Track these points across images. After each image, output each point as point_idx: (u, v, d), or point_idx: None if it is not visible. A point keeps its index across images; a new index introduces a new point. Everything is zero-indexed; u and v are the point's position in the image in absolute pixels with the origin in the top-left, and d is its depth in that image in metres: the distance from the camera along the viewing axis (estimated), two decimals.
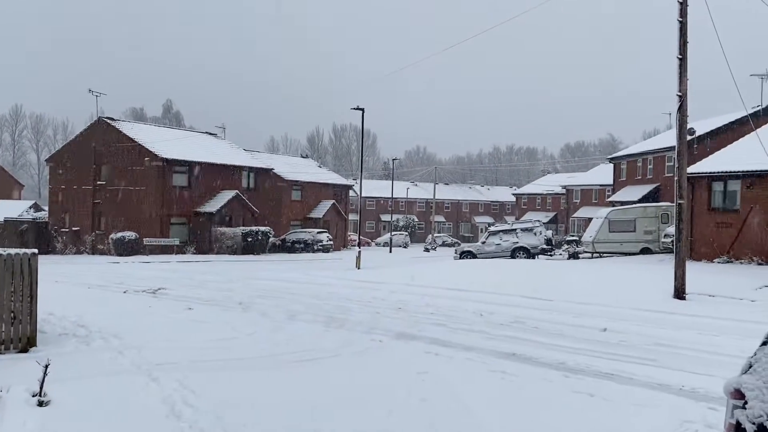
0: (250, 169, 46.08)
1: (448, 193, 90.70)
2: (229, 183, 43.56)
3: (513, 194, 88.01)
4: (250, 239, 40.21)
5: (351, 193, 59.61)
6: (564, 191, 66.84)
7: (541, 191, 76.24)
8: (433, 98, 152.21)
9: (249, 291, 17.59)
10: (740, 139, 25.94)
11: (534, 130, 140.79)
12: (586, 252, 32.78)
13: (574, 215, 59.21)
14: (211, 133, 50.38)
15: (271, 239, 42.89)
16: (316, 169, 57.98)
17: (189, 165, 41.16)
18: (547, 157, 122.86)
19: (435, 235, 69.24)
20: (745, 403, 3.10)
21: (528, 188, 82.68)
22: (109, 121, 42.65)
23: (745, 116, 24.57)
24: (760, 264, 20.83)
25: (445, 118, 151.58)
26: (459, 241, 66.82)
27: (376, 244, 67.52)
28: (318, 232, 47.23)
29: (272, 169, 48.43)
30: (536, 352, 9.29)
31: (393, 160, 67.02)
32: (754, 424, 3.01)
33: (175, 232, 40.12)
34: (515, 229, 34.67)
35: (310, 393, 6.95)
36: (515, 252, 32.88)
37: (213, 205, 41.54)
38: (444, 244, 66.04)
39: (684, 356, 9.01)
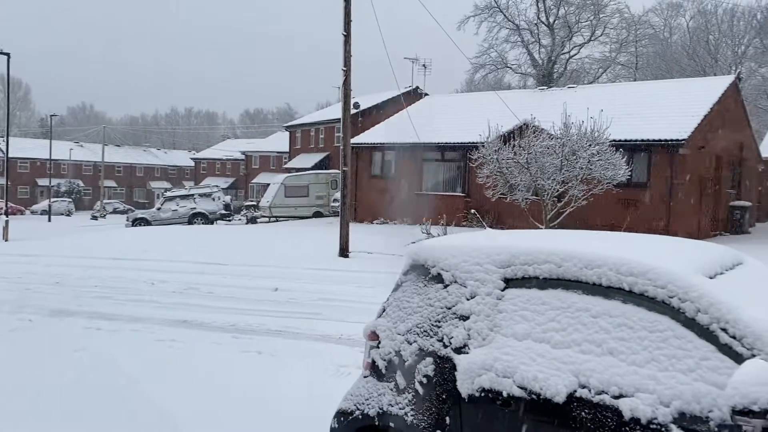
0: None
1: (120, 156, 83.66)
2: None
3: (192, 159, 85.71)
4: None
5: None
6: (244, 157, 67.47)
7: (221, 156, 75.77)
8: (98, 51, 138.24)
9: None
10: (396, 114, 29.39)
11: (213, 93, 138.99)
12: (263, 216, 33.79)
13: (254, 181, 60.33)
14: None
15: None
16: None
17: None
18: (227, 122, 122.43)
19: (105, 201, 63.72)
20: (379, 343, 3.51)
21: (207, 153, 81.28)
22: None
23: (399, 95, 27.93)
24: (410, 225, 24.09)
25: (113, 73, 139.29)
26: (132, 208, 62.56)
27: (32, 213, 59.20)
28: None
29: None
30: (208, 317, 9.24)
31: (51, 116, 58.97)
32: (384, 360, 3.42)
33: None
34: (193, 195, 34.03)
35: None
36: (193, 218, 32.28)
37: None
38: (115, 212, 61.04)
39: (344, 308, 9.91)
